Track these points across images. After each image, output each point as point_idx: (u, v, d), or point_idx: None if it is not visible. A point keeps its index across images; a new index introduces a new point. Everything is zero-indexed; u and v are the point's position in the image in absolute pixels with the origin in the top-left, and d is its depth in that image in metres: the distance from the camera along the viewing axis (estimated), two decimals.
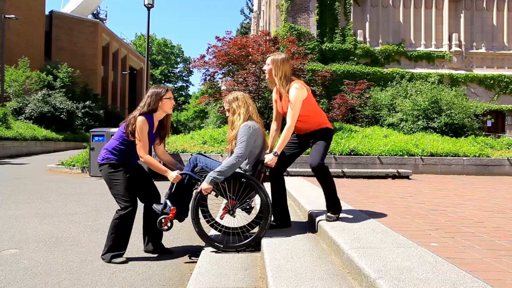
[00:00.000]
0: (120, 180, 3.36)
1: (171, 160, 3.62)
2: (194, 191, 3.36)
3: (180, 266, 3.31)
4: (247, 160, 3.41)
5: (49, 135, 22.30)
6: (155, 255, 3.56)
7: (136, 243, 3.92)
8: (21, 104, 23.65)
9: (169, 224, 3.36)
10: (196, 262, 3.14)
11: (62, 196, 6.92)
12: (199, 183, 3.34)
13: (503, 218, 3.77)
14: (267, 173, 3.60)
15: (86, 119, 29.55)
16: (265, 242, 3.14)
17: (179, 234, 4.38)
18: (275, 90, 3.61)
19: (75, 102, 28.09)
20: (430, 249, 2.47)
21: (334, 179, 3.52)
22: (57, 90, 27.94)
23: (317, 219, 3.47)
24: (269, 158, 3.37)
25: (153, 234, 3.60)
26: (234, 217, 3.41)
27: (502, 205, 4.72)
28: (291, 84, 3.44)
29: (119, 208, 3.37)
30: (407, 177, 8.50)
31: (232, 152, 3.39)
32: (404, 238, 2.74)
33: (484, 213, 4.07)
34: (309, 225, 3.77)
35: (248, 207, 3.50)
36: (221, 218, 3.55)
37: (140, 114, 3.35)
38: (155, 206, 3.40)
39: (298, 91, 3.38)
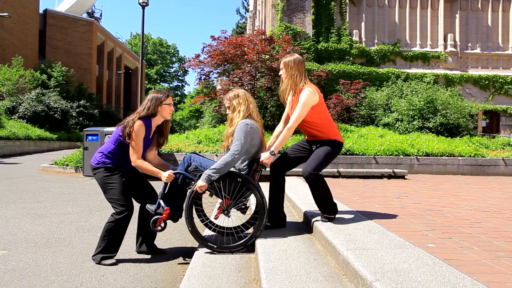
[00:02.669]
0: (116, 184, 3.30)
1: (162, 162, 3.56)
2: (188, 191, 3.30)
3: (173, 267, 3.24)
4: (242, 158, 3.35)
5: (43, 135, 22.11)
6: (147, 257, 3.49)
7: (128, 243, 3.84)
8: (14, 103, 23.43)
9: (162, 224, 3.29)
10: (189, 263, 3.08)
11: (55, 196, 6.82)
12: (193, 182, 3.28)
13: (499, 219, 3.73)
14: (266, 172, 3.52)
15: (81, 118, 29.34)
16: (259, 243, 3.08)
17: (172, 235, 4.31)
18: (291, 93, 3.53)
19: (69, 101, 27.87)
20: (428, 250, 2.42)
21: (330, 179, 3.47)
22: (51, 89, 27.73)
23: (313, 219, 3.41)
24: (265, 157, 3.30)
25: (147, 235, 3.54)
26: (229, 217, 3.35)
27: (498, 205, 4.69)
28: (304, 87, 3.38)
29: (114, 212, 3.30)
30: (402, 177, 8.48)
31: (228, 149, 3.34)
32: (401, 239, 2.69)
33: (480, 213, 4.04)
34: (304, 226, 3.71)
35: (243, 206, 3.43)
36: (216, 218, 3.49)
37: (138, 118, 3.30)
38: (148, 206, 3.34)
39: (309, 95, 3.32)
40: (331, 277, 2.34)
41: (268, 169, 3.58)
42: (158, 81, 64.65)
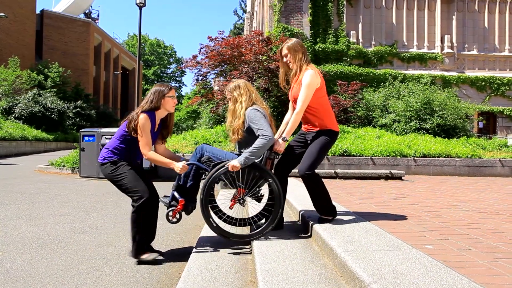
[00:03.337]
0: (125, 174, 3.28)
1: (174, 155, 3.54)
2: (210, 172, 3.24)
3: (169, 269, 3.22)
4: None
5: (40, 135, 22.03)
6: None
7: (124, 245, 3.82)
8: (10, 104, 23.34)
9: (177, 216, 3.28)
10: (185, 265, 3.05)
11: (51, 197, 6.78)
12: (207, 173, 3.26)
13: (496, 220, 3.73)
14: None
15: (78, 119, 29.28)
16: (256, 244, 3.06)
17: (168, 236, 4.29)
18: (294, 79, 3.48)
19: (66, 102, 27.79)
20: (425, 252, 2.41)
21: (327, 180, 3.43)
22: (48, 89, 27.67)
23: (310, 220, 3.40)
24: (278, 144, 3.29)
25: (146, 235, 3.51)
26: (244, 206, 3.33)
27: (495, 206, 4.69)
28: (306, 69, 3.34)
29: (133, 201, 3.29)
30: (400, 178, 8.48)
31: (240, 143, 3.34)
32: (399, 241, 2.68)
33: (477, 214, 4.03)
34: (302, 227, 3.70)
35: (258, 195, 3.40)
36: (231, 208, 3.41)
37: (142, 111, 3.29)
38: (162, 199, 3.34)
39: (312, 77, 3.28)
40: (328, 279, 2.33)
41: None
42: (156, 82, 64.37)
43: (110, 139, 9.31)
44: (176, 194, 3.26)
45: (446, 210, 4.27)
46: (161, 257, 3.43)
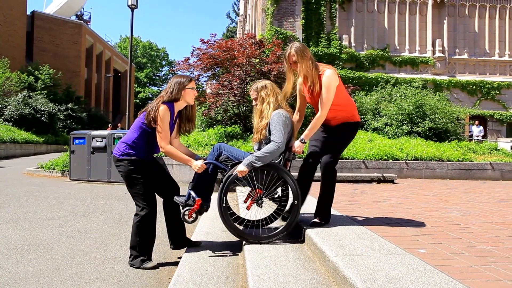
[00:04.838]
0: (141, 179, 3.21)
1: (188, 152, 3.45)
2: (225, 176, 3.19)
3: (159, 274, 3.15)
4: None
5: (29, 138, 21.77)
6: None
7: (113, 249, 3.75)
8: (0, 106, 23.05)
9: (194, 215, 3.21)
10: (175, 269, 3.00)
11: (39, 200, 6.67)
12: (224, 172, 3.21)
13: (489, 223, 3.72)
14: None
15: (68, 121, 28.98)
16: (247, 249, 3.01)
17: (158, 239, 4.21)
18: (301, 80, 3.41)
19: (57, 104, 27.51)
20: (418, 256, 2.38)
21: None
22: (39, 91, 27.39)
23: (302, 225, 3.36)
24: (297, 145, 3.26)
25: (175, 230, 3.48)
26: (261, 207, 3.27)
27: (487, 209, 4.69)
28: (323, 71, 3.28)
29: (138, 208, 3.24)
30: (392, 181, 8.48)
31: (260, 142, 3.29)
32: (392, 245, 2.65)
33: (470, 217, 4.02)
34: (293, 231, 3.65)
35: (276, 196, 3.36)
36: (248, 209, 3.34)
37: (162, 102, 3.21)
38: (176, 198, 3.27)
39: (332, 78, 3.23)
40: (320, 284, 2.29)
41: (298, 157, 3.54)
42: (148, 85, 64.23)
43: (101, 141, 9.34)
44: (192, 193, 3.21)
45: (439, 213, 4.26)
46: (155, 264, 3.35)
